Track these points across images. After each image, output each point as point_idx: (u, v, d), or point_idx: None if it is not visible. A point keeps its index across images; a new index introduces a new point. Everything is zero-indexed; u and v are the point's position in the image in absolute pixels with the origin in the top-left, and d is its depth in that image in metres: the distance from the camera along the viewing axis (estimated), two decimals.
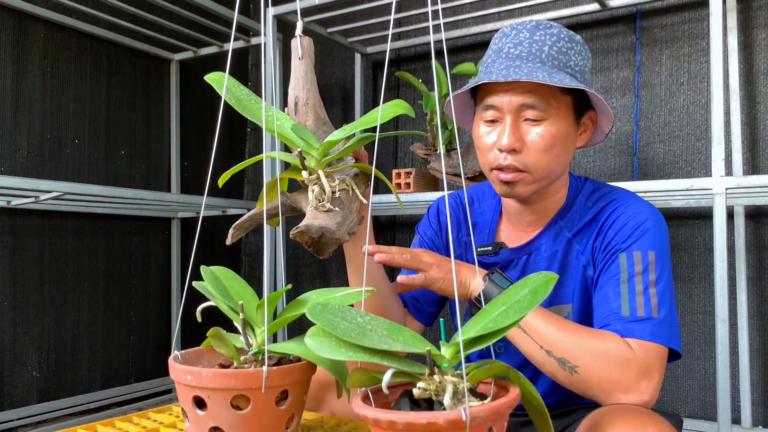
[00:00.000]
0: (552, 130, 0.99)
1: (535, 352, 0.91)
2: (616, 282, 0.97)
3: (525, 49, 1.00)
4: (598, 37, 2.20)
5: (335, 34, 2.43)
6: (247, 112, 0.86)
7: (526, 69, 0.96)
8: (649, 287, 0.95)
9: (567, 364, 0.89)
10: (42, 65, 2.17)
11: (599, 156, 2.19)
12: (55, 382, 2.21)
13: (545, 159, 1.00)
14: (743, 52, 1.96)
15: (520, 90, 0.98)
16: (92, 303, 2.34)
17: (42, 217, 2.18)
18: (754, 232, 1.94)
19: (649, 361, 0.89)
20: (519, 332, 0.92)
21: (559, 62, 1.00)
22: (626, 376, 0.88)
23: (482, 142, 1.04)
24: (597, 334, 0.92)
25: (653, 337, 0.91)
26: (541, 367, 0.92)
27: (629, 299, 0.95)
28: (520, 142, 0.99)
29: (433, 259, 0.96)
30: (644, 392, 0.88)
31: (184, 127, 2.67)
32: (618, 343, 0.90)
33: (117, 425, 0.94)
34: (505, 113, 1.00)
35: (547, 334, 0.90)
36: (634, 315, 0.93)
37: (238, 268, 2.93)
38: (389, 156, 2.61)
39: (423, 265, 0.95)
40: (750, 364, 1.89)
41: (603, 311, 0.97)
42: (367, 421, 0.63)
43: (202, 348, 0.85)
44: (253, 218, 0.90)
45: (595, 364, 0.88)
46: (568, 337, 0.90)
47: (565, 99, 1.00)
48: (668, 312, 0.94)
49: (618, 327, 0.93)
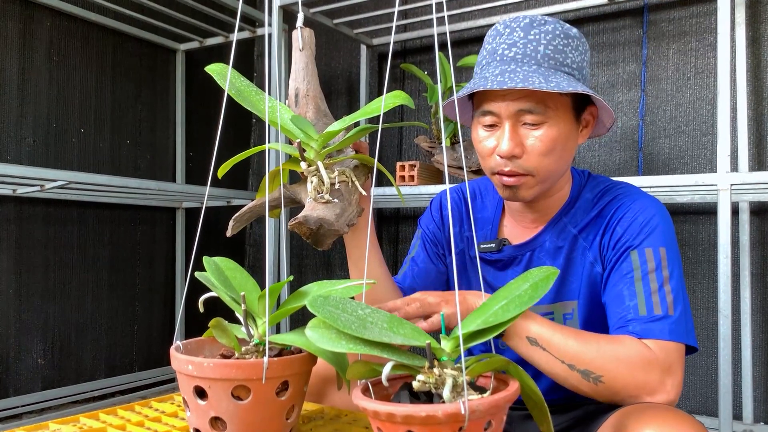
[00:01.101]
0: (551, 132, 0.98)
1: (558, 368, 0.88)
2: (630, 280, 0.96)
3: (520, 51, 0.98)
4: (605, 30, 2.19)
5: (341, 26, 2.43)
6: (247, 103, 0.86)
7: (522, 74, 0.95)
8: (664, 284, 0.95)
9: (591, 375, 0.87)
10: (48, 54, 2.18)
11: (604, 150, 2.18)
12: (60, 370, 2.23)
13: (546, 162, 0.99)
14: (751, 47, 1.95)
15: (517, 95, 0.97)
16: (97, 292, 2.35)
17: (47, 206, 2.19)
18: (759, 228, 1.93)
19: (670, 360, 0.89)
20: (538, 350, 0.88)
21: (556, 62, 0.98)
22: (651, 378, 0.87)
23: (482, 147, 1.02)
24: (615, 340, 0.91)
25: (672, 336, 0.90)
26: (563, 382, 0.89)
27: (645, 298, 0.94)
28: (520, 148, 0.98)
29: (438, 298, 0.92)
30: (670, 391, 0.87)
31: (189, 117, 2.68)
32: (638, 346, 0.89)
33: (119, 414, 0.95)
34: (503, 118, 0.98)
35: (567, 349, 0.88)
36: (652, 314, 0.92)
37: (241, 259, 2.94)
38: (394, 148, 2.61)
39: (433, 307, 0.91)
40: (752, 360, 1.88)
41: (619, 310, 0.96)
42: (366, 413, 0.63)
43: (204, 338, 0.85)
44: (253, 210, 0.90)
45: (619, 370, 0.87)
46: (589, 347, 0.88)
47: (563, 99, 0.99)
48: (683, 308, 0.94)
49: (636, 328, 0.91)
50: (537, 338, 0.88)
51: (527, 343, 0.87)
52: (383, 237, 2.62)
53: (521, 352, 0.88)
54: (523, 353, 0.89)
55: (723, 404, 1.49)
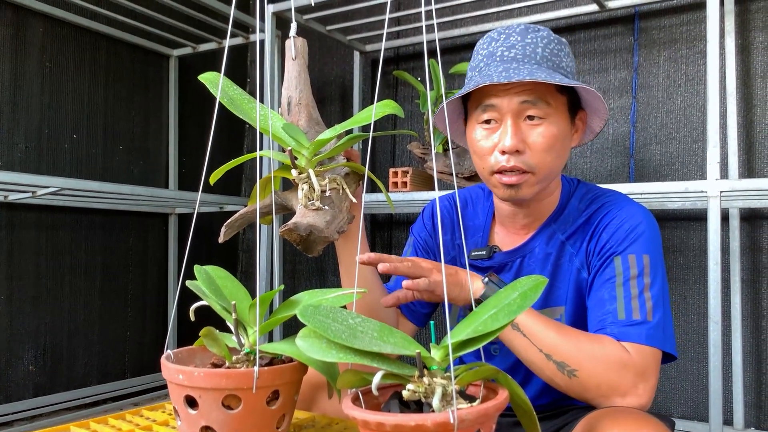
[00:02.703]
0: (553, 129, 1.00)
1: (535, 356, 0.91)
2: (611, 285, 0.98)
3: (519, 52, 1.00)
4: (597, 38, 2.20)
5: (334, 32, 2.43)
6: (240, 111, 0.87)
7: (526, 70, 0.97)
8: (645, 291, 0.96)
9: (566, 368, 0.89)
10: (40, 60, 2.17)
11: (596, 157, 2.19)
12: (51, 377, 2.22)
13: (548, 159, 1.00)
14: (740, 55, 1.96)
15: (520, 90, 0.99)
16: (89, 298, 2.34)
17: (39, 212, 2.18)
18: (749, 234, 1.94)
19: (645, 365, 0.90)
20: (518, 336, 0.92)
21: (553, 63, 1.01)
22: (624, 380, 0.89)
23: (480, 146, 1.03)
24: (595, 338, 0.93)
25: (649, 341, 0.92)
26: (538, 371, 0.92)
27: (625, 303, 0.95)
28: (523, 143, 0.99)
29: (431, 265, 0.96)
30: (641, 395, 0.89)
31: (182, 123, 2.67)
32: (616, 347, 0.90)
33: (110, 422, 0.95)
34: (505, 114, 1.00)
35: (546, 338, 0.91)
36: (630, 319, 0.94)
37: (234, 265, 2.93)
38: (387, 155, 2.62)
39: (424, 271, 0.94)
40: (743, 366, 1.89)
41: (598, 314, 0.98)
42: (356, 422, 0.64)
43: (195, 347, 0.85)
44: (244, 216, 0.90)
45: (594, 368, 0.89)
46: (568, 341, 0.91)
47: (561, 99, 1.01)
48: (663, 315, 0.95)
49: (614, 330, 0.93)
50: (519, 323, 0.92)
51: (509, 326, 0.90)
52: (376, 243, 2.62)
53: (502, 335, 0.92)
54: (504, 337, 0.93)
55: (713, 409, 1.50)
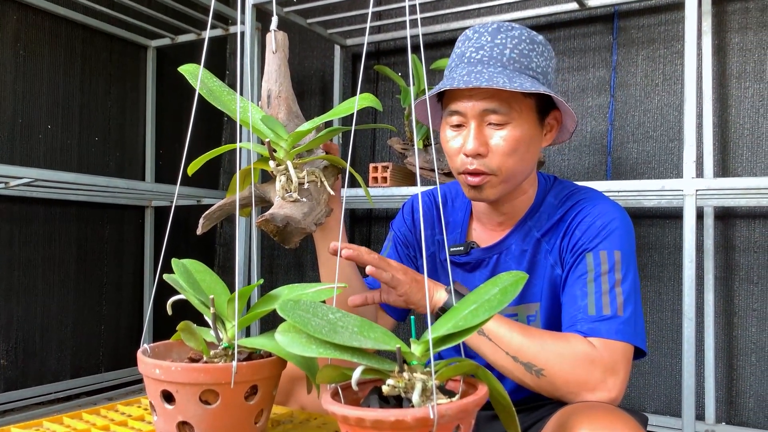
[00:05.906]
0: (515, 133, 1.00)
1: (502, 359, 0.93)
2: (583, 281, 0.99)
3: (486, 54, 1.01)
4: (576, 36, 2.22)
5: (315, 25, 2.42)
6: (219, 103, 0.86)
7: (487, 74, 0.98)
8: (615, 286, 0.97)
9: (533, 368, 0.91)
10: (14, 48, 2.13)
11: (574, 155, 2.21)
12: (24, 371, 2.18)
13: (510, 162, 1.01)
14: (717, 56, 1.99)
15: (483, 95, 0.99)
16: (62, 291, 2.31)
17: (12, 203, 2.14)
18: (723, 233, 1.97)
19: (614, 359, 0.91)
20: (484, 341, 0.93)
21: (521, 65, 1.01)
22: (592, 375, 0.90)
23: (449, 147, 1.05)
24: (561, 336, 0.94)
25: (619, 336, 0.93)
26: (508, 373, 0.93)
27: (596, 298, 0.97)
28: (485, 147, 1.01)
29: (399, 266, 0.96)
30: (611, 389, 0.90)
31: (159, 114, 2.64)
32: (582, 344, 0.92)
33: (84, 417, 0.93)
34: (469, 118, 1.01)
35: (512, 341, 0.92)
36: (600, 314, 0.95)
37: (212, 258, 2.91)
38: (367, 149, 2.61)
39: (390, 268, 0.94)
40: (715, 362, 1.93)
41: (570, 310, 0.99)
42: (335, 418, 0.63)
43: (172, 341, 0.84)
44: (222, 208, 0.90)
45: (561, 365, 0.90)
46: (533, 341, 0.92)
47: (527, 102, 1.01)
48: (633, 311, 0.96)
49: (584, 326, 0.95)
50: (484, 329, 0.93)
51: (476, 333, 0.90)
52: (356, 237, 2.61)
53: (469, 341, 0.93)
54: (471, 342, 0.94)
55: (686, 405, 1.52)
